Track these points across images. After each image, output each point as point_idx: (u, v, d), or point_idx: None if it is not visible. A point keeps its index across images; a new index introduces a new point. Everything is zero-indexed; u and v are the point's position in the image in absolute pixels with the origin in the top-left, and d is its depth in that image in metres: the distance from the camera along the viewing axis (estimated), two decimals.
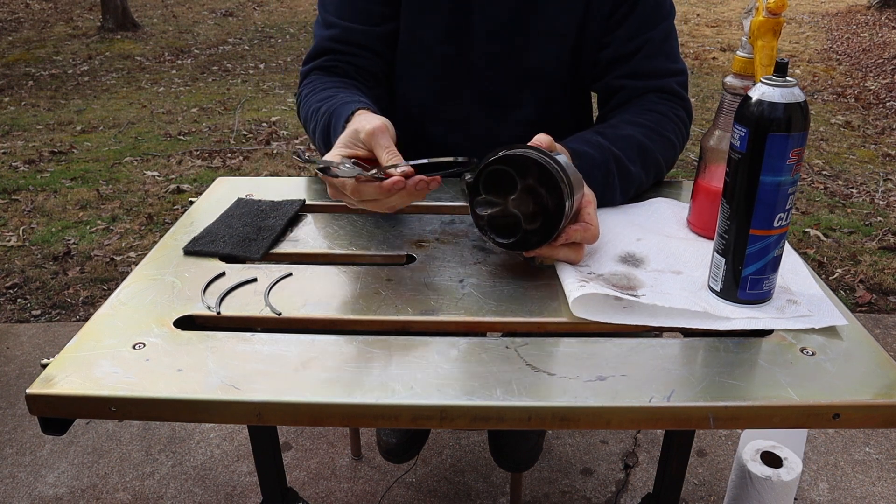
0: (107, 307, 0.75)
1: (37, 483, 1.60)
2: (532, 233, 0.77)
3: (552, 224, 0.75)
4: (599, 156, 0.92)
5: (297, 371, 0.64)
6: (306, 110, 1.03)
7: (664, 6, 1.04)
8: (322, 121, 0.94)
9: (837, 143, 3.86)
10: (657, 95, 1.04)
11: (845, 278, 2.45)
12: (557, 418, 0.61)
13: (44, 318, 2.25)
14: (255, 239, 0.89)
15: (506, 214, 0.77)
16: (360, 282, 0.80)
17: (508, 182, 0.76)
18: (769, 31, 0.77)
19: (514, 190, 0.76)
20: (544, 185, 0.74)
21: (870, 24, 7.20)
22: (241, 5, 8.51)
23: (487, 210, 0.78)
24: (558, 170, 0.74)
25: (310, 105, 1.01)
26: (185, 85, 5.20)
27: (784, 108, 0.65)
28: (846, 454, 1.67)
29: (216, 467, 1.64)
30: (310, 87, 1.06)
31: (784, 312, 0.73)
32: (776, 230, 0.70)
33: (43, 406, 0.63)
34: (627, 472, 1.62)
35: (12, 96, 4.92)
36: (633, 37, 1.03)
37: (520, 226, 0.77)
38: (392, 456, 1.50)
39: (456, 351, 0.67)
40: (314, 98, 1.01)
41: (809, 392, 0.62)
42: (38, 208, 3.05)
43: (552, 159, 0.75)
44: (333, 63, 1.08)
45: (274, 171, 3.43)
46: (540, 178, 0.74)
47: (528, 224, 0.76)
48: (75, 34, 6.99)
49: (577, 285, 0.74)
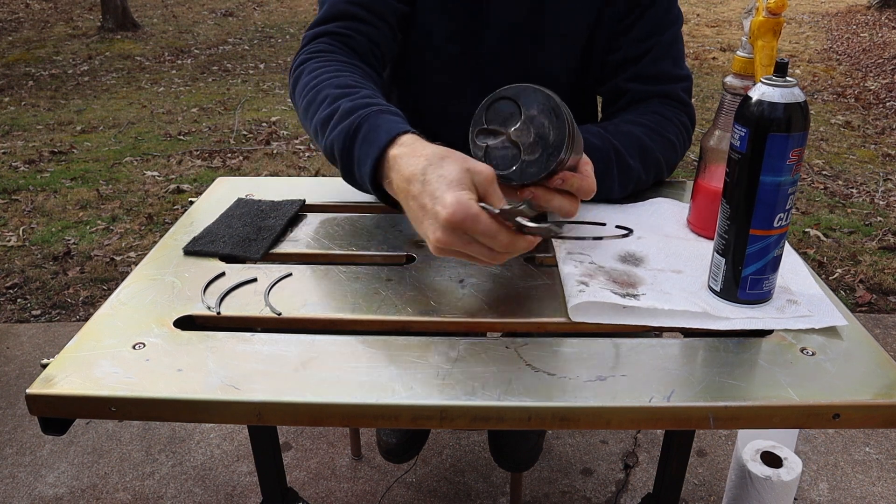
0: (107, 307, 0.75)
1: (37, 483, 1.60)
2: (530, 163, 0.75)
3: (552, 154, 0.74)
4: (599, 143, 0.93)
5: (297, 371, 0.64)
6: (314, 89, 0.90)
7: (673, 11, 1.05)
8: (345, 122, 0.82)
9: (837, 143, 3.86)
10: (661, 101, 1.04)
11: (845, 278, 2.45)
12: (557, 418, 0.61)
13: (44, 318, 2.25)
14: (255, 239, 0.89)
15: (505, 146, 0.76)
16: (360, 282, 0.80)
17: (512, 112, 0.76)
18: (769, 31, 0.78)
19: (517, 120, 0.75)
20: (548, 116, 0.74)
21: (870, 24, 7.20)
22: (241, 5, 8.50)
23: (487, 140, 0.77)
24: (565, 106, 0.74)
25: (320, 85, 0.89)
26: (185, 85, 5.20)
27: (784, 108, 0.65)
28: (846, 454, 1.67)
29: (216, 467, 1.64)
30: (321, 61, 0.94)
31: (784, 312, 0.73)
32: (776, 230, 0.70)
33: (43, 406, 0.63)
34: (627, 472, 1.62)
35: (12, 96, 4.92)
36: (642, 40, 1.03)
37: (518, 156, 0.76)
38: (392, 456, 1.50)
39: (456, 351, 0.67)
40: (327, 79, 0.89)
41: (809, 392, 0.62)
42: (38, 208, 3.05)
43: (561, 100, 0.75)
44: (349, 32, 0.98)
45: (274, 171, 3.43)
46: (544, 110, 0.74)
47: (528, 154, 0.75)
48: (75, 34, 6.99)
49: (577, 288, 0.74)
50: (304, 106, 0.90)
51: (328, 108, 0.85)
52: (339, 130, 0.81)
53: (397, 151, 0.74)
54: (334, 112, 0.84)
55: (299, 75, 0.94)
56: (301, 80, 0.93)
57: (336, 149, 0.82)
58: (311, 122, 0.88)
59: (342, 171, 0.84)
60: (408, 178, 0.70)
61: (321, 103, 0.86)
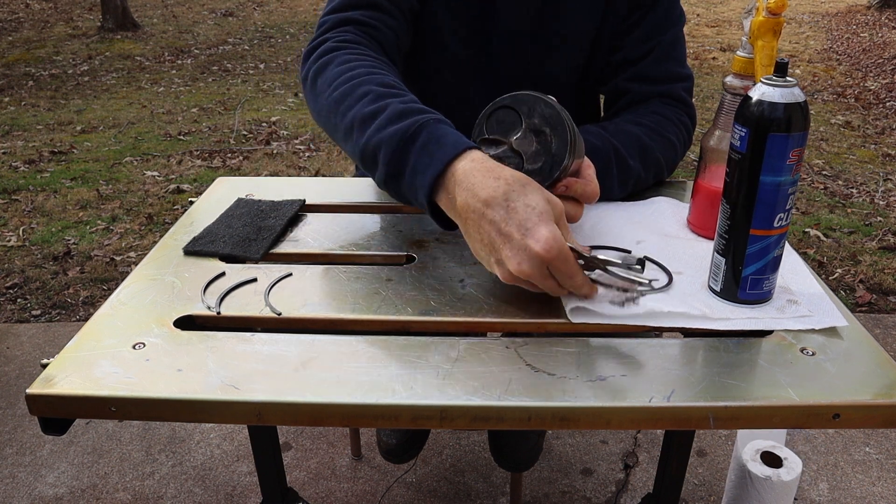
0: (107, 307, 0.75)
1: (37, 483, 1.60)
2: (534, 172, 0.75)
3: (555, 162, 0.74)
4: (599, 143, 0.93)
5: (297, 371, 0.64)
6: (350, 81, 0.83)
7: (675, 11, 1.05)
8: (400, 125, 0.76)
9: (837, 143, 3.86)
10: (662, 100, 1.04)
11: (845, 278, 2.45)
12: (557, 418, 0.61)
13: (44, 318, 2.25)
14: (255, 239, 0.89)
15: (507, 155, 0.76)
16: (360, 282, 0.80)
17: (513, 122, 0.75)
18: (769, 31, 0.78)
19: (518, 129, 0.75)
20: (549, 124, 0.74)
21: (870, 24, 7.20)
22: (241, 5, 8.50)
23: (489, 150, 0.77)
24: (565, 112, 0.74)
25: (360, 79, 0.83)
26: (185, 85, 5.20)
27: (784, 108, 0.65)
28: (846, 454, 1.67)
29: (216, 467, 1.64)
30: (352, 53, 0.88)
31: (784, 312, 0.73)
32: (776, 230, 0.70)
33: (43, 406, 0.63)
34: (627, 472, 1.62)
35: (12, 96, 4.92)
36: (644, 40, 1.04)
37: (521, 165, 0.76)
38: (392, 456, 1.50)
39: (456, 351, 0.67)
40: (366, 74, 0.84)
41: (809, 392, 0.62)
42: (38, 208, 3.05)
43: (559, 104, 0.75)
44: (375, 23, 0.93)
45: (274, 171, 3.43)
46: (545, 118, 0.74)
47: (531, 163, 0.75)
48: (75, 34, 6.99)
49: (576, 298, 0.74)
50: (335, 97, 0.84)
51: (372, 105, 0.79)
52: (391, 132, 0.76)
53: (468, 167, 0.70)
54: (381, 110, 0.78)
55: (327, 63, 0.88)
56: (330, 70, 0.87)
57: (384, 150, 0.76)
58: (344, 116, 0.82)
59: (384, 176, 0.78)
60: (486, 201, 0.67)
61: (361, 97, 0.81)
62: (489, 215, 0.68)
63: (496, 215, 0.67)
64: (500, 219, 0.67)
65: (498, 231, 0.67)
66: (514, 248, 0.66)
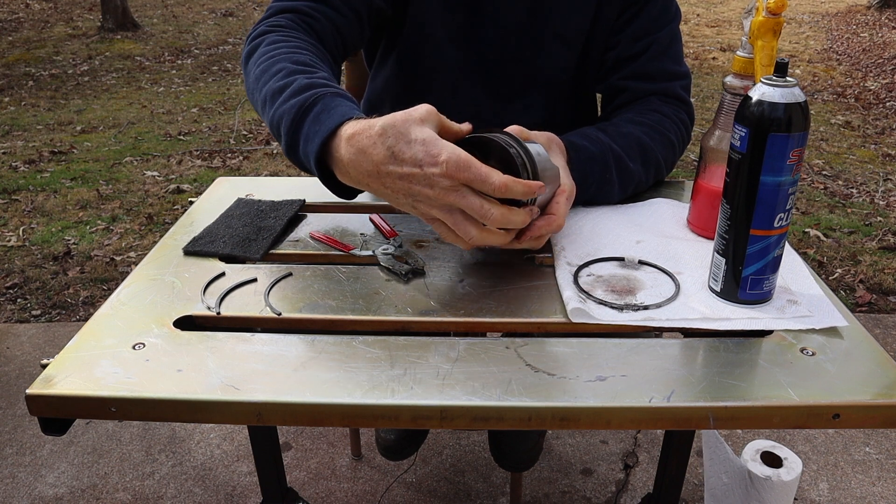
0: (107, 307, 0.75)
1: (37, 483, 1.60)
2: None
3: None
4: (597, 150, 0.92)
5: (297, 371, 0.64)
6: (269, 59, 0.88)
7: (671, 9, 1.05)
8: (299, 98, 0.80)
9: (837, 143, 3.87)
10: (660, 98, 1.04)
11: (845, 278, 2.45)
12: (557, 418, 0.61)
13: (44, 318, 2.25)
14: (255, 239, 0.89)
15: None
16: (360, 282, 0.80)
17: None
18: (769, 31, 0.77)
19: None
20: (505, 166, 0.74)
21: (870, 24, 7.20)
22: (241, 5, 8.50)
23: None
24: (521, 155, 0.74)
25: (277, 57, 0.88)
26: (185, 85, 5.20)
27: (784, 108, 0.65)
28: (846, 454, 1.67)
29: (216, 467, 1.64)
30: (281, 35, 0.92)
31: (784, 312, 0.73)
32: (776, 230, 0.70)
33: (43, 406, 0.63)
34: (627, 472, 1.62)
35: (12, 96, 4.92)
36: (640, 37, 1.03)
37: None
38: (390, 453, 1.50)
39: (456, 351, 0.67)
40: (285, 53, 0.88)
41: (809, 392, 0.62)
42: (38, 208, 3.05)
43: (519, 145, 0.75)
44: (315, 14, 0.96)
45: (274, 171, 3.43)
46: (501, 161, 0.74)
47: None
48: (75, 34, 6.99)
49: (577, 299, 0.74)
50: (256, 74, 0.89)
51: (281, 80, 0.84)
52: (292, 103, 0.81)
53: (350, 131, 0.74)
54: (287, 85, 0.83)
55: (257, 45, 0.93)
56: (258, 50, 0.92)
57: (284, 121, 0.81)
58: (260, 91, 0.87)
59: (285, 146, 0.83)
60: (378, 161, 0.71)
61: (275, 74, 0.85)
62: (384, 169, 0.71)
63: (392, 167, 0.71)
64: (395, 167, 0.71)
65: (400, 177, 0.71)
66: (422, 183, 0.69)
